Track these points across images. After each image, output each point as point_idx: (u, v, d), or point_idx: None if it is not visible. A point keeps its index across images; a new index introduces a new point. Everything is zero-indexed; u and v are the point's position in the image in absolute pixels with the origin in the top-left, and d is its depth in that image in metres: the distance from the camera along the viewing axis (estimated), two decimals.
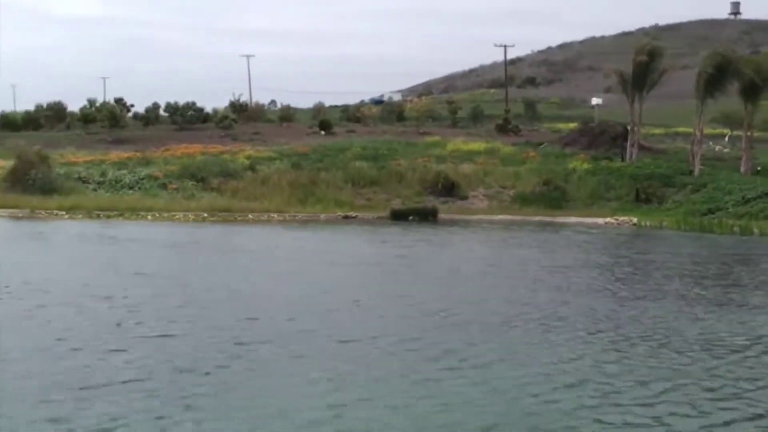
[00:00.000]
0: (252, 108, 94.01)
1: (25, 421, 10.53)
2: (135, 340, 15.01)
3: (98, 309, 18.08)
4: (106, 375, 12.57)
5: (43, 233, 38.11)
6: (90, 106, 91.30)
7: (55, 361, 13.40)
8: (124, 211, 48.48)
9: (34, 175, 53.98)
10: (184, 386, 12.04)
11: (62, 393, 11.57)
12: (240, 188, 55.35)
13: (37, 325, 16.36)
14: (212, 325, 16.30)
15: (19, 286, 21.05)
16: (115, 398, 11.40)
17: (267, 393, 11.85)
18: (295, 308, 18.47)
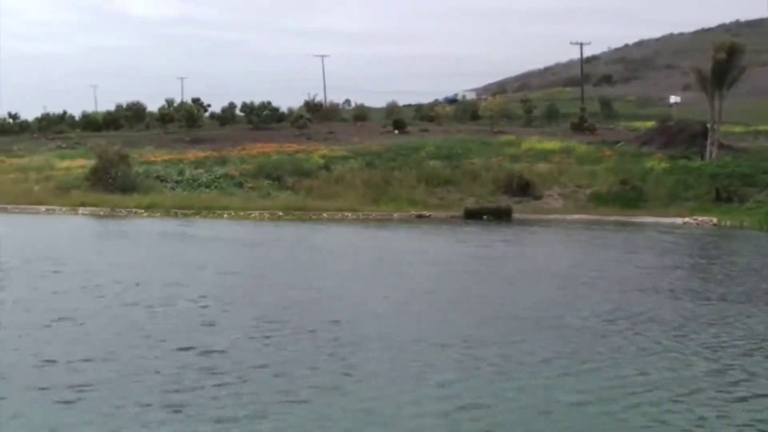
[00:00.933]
0: (326, 107, 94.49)
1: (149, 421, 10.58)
2: (231, 341, 14.87)
3: (190, 308, 18.11)
4: (200, 377, 12.47)
5: (126, 232, 38.71)
6: (168, 106, 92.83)
7: (151, 361, 13.41)
8: (200, 209, 49.16)
9: (115, 174, 55.10)
10: (283, 387, 12.00)
11: (157, 396, 11.55)
12: (314, 187, 55.65)
13: (129, 324, 16.34)
14: (307, 327, 16.16)
15: (111, 285, 21.13)
16: (218, 402, 11.30)
17: (373, 396, 11.70)
18: (386, 310, 18.23)
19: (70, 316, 16.83)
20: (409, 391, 12.05)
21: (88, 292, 20.02)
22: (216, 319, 16.96)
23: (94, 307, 18.03)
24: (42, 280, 21.58)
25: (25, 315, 16.89)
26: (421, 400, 11.62)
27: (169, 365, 13.14)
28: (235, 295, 19.88)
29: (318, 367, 13.22)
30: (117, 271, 24.00)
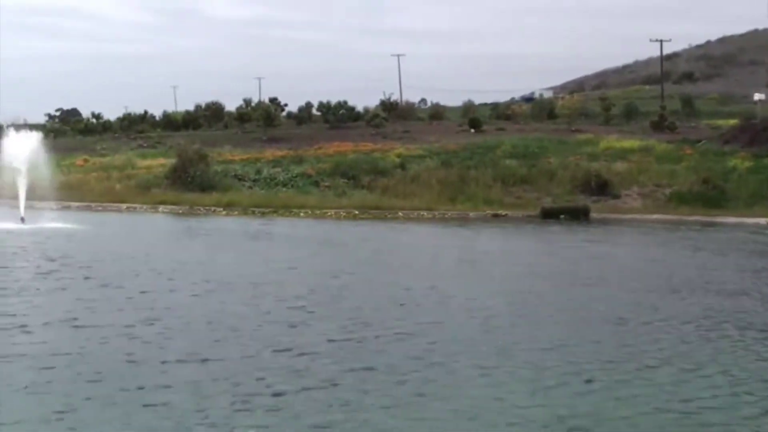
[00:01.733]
0: (402, 106, 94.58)
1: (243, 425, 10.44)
2: (326, 343, 14.63)
3: (283, 308, 17.94)
4: (296, 379, 12.24)
5: (208, 230, 39.02)
6: (246, 105, 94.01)
7: (244, 361, 13.26)
8: (277, 208, 49.68)
9: (194, 172, 56.00)
10: (378, 388, 11.85)
11: (252, 398, 11.39)
12: (390, 186, 55.76)
13: (222, 324, 16.13)
14: (405, 328, 15.86)
15: (202, 284, 21.14)
16: (312, 404, 11.17)
17: (480, 405, 11.37)
18: (488, 311, 17.84)
19: (161, 315, 16.79)
20: (534, 395, 11.76)
21: (179, 291, 20.00)
22: (311, 319, 16.77)
23: (185, 306, 17.97)
24: (131, 279, 21.64)
25: (118, 314, 16.90)
26: (551, 405, 11.36)
27: (263, 366, 12.96)
28: (329, 295, 19.69)
29: (420, 372, 12.85)
30: (206, 270, 23.95)
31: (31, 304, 17.79)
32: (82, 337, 14.68)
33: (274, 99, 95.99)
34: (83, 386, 11.64)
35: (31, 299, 18.35)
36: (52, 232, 33.99)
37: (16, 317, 16.11)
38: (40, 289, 19.69)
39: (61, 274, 21.93)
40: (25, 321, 15.77)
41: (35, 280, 20.99)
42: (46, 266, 23.48)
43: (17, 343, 14.04)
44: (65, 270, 22.80)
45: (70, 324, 15.71)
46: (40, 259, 25.34)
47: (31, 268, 23.33)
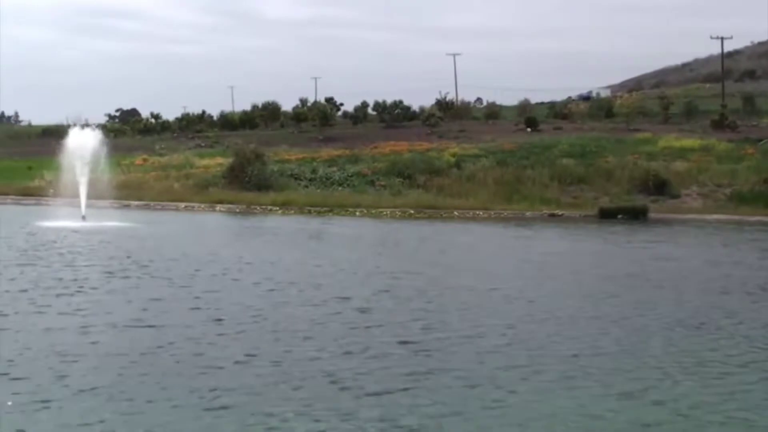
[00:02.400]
0: (458, 106, 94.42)
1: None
2: (396, 346, 14.26)
3: (347, 310, 17.48)
4: (363, 385, 11.90)
5: (268, 229, 39.18)
6: (302, 105, 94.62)
7: (315, 364, 12.94)
8: (333, 207, 49.93)
9: (250, 172, 56.54)
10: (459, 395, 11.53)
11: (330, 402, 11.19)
12: (445, 185, 55.70)
13: (291, 325, 15.71)
14: (474, 333, 15.42)
15: (267, 284, 20.83)
16: (382, 409, 10.92)
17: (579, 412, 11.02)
18: (557, 314, 17.40)
19: (228, 315, 16.55)
20: (614, 400, 11.44)
21: (245, 290, 19.78)
22: (379, 320, 16.45)
23: (251, 306, 17.65)
24: (195, 278, 21.52)
25: (186, 314, 16.76)
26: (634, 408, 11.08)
27: (332, 369, 12.62)
28: (396, 296, 19.31)
29: (493, 376, 12.50)
30: (269, 269, 23.77)
31: (96, 303, 17.62)
32: (149, 337, 14.57)
33: (330, 99, 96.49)
34: (150, 387, 11.53)
35: (96, 298, 18.22)
36: (112, 231, 34.47)
37: (80, 317, 15.99)
38: (103, 288, 19.58)
39: (125, 273, 21.89)
40: (91, 321, 15.60)
41: (99, 279, 20.93)
42: (109, 265, 23.54)
43: (81, 343, 13.91)
44: (130, 269, 22.80)
45: (136, 324, 15.58)
46: (103, 257, 25.51)
47: (96, 266, 23.33)
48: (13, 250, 26.84)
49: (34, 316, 15.98)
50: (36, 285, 19.55)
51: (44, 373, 12.07)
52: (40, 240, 30.19)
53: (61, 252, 26.49)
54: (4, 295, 18.12)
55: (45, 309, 16.73)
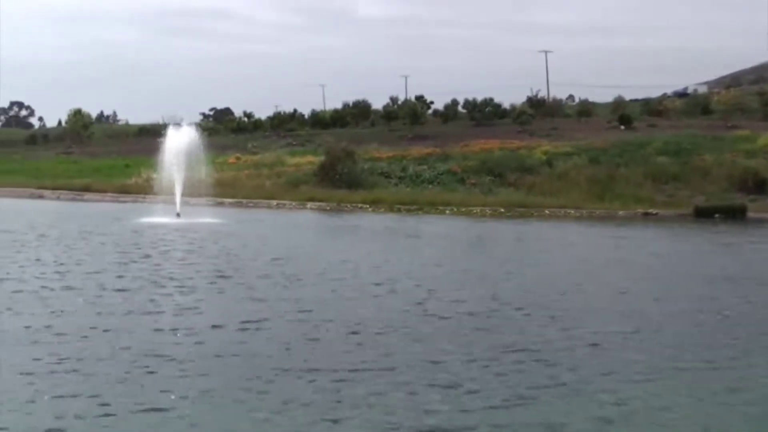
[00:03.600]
0: (549, 103, 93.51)
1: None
2: (512, 353, 13.44)
3: (456, 313, 16.73)
4: (481, 394, 11.26)
5: (361, 227, 39.35)
6: (392, 103, 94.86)
7: (437, 368, 12.43)
8: (423, 205, 49.98)
9: (341, 170, 57.00)
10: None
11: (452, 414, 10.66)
12: (536, 183, 55.24)
13: (406, 331, 15.01)
14: (597, 340, 14.50)
15: (371, 285, 20.18)
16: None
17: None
18: (687, 319, 16.57)
19: (335, 317, 16.01)
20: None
21: (349, 291, 19.32)
22: (496, 326, 15.70)
23: (359, 307, 17.23)
24: (295, 277, 21.00)
25: (292, 315, 16.24)
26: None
27: (453, 378, 11.92)
28: (510, 300, 18.35)
29: (620, 385, 11.85)
30: (371, 269, 23.27)
31: (197, 302, 17.33)
32: (257, 339, 14.18)
33: (420, 97, 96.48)
34: (252, 396, 11.10)
35: (199, 296, 17.98)
36: (208, 228, 35.01)
37: (182, 317, 15.80)
38: (206, 288, 19.26)
39: (225, 272, 21.62)
40: (194, 322, 15.28)
41: (199, 278, 20.70)
42: (209, 263, 23.45)
43: (179, 342, 13.74)
44: (230, 267, 22.68)
45: (241, 326, 15.11)
46: (202, 255, 25.61)
47: (196, 265, 23.20)
48: (112, 247, 27.50)
49: (143, 317, 15.76)
50: (138, 284, 19.50)
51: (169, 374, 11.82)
52: (138, 237, 30.88)
53: (160, 250, 26.80)
54: (105, 294, 18.15)
55: (149, 309, 16.54)
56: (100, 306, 16.63)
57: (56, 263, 22.92)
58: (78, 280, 19.75)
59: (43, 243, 28.41)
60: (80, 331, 14.25)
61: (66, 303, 16.84)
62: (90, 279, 20.00)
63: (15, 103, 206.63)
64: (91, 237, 30.71)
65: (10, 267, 21.91)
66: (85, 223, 36.24)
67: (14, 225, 34.65)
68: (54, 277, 20.35)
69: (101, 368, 11.96)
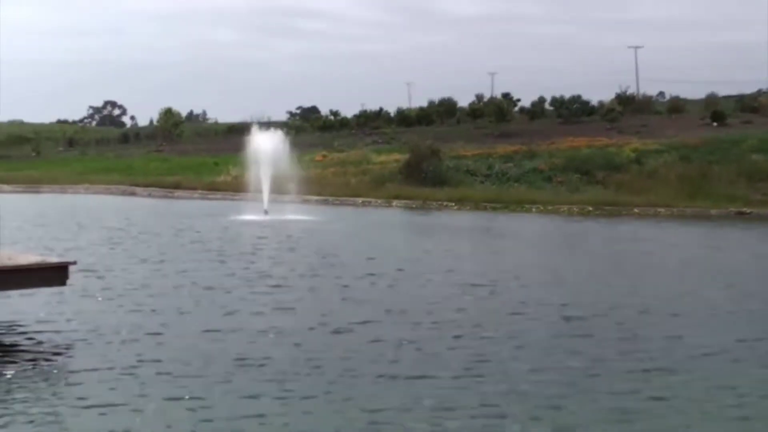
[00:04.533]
0: (639, 100, 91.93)
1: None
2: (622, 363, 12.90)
3: (557, 317, 16.30)
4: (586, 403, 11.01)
5: (449, 225, 38.92)
6: (478, 101, 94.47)
7: (542, 374, 12.12)
8: (509, 203, 49.60)
9: (426, 167, 56.97)
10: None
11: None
12: (625, 181, 54.30)
13: (510, 334, 14.71)
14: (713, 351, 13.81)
15: (468, 285, 19.83)
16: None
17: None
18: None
19: (438, 319, 15.80)
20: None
21: (446, 290, 19.05)
22: (602, 331, 15.10)
23: (458, 309, 16.86)
24: (385, 276, 20.81)
25: (383, 316, 16.10)
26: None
27: (554, 387, 11.59)
28: (625, 306, 17.63)
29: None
30: (467, 269, 22.93)
31: (299, 301, 17.27)
32: (359, 341, 14.01)
33: (507, 94, 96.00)
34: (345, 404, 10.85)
35: (297, 296, 17.87)
36: (294, 225, 35.33)
37: (280, 316, 15.68)
38: (301, 286, 19.10)
39: (319, 271, 21.52)
40: (284, 324, 15.11)
41: (297, 277, 20.53)
42: (301, 261, 23.37)
43: (277, 343, 13.62)
44: (322, 266, 22.58)
45: (345, 327, 14.98)
46: (293, 253, 25.68)
47: (291, 263, 23.12)
48: (206, 244, 27.96)
49: (240, 317, 15.68)
50: (233, 282, 19.45)
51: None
52: (229, 235, 31.29)
53: (252, 248, 26.90)
54: (202, 293, 18.13)
55: (247, 308, 16.45)
56: (200, 306, 16.74)
57: (157, 261, 23.34)
58: (177, 278, 20.05)
59: (142, 240, 29.02)
60: (182, 331, 14.35)
61: (162, 302, 16.96)
62: (186, 277, 20.23)
63: (108, 102, 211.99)
64: (185, 234, 31.28)
65: (111, 263, 22.41)
66: (178, 221, 36.97)
67: (113, 222, 35.57)
68: (153, 274, 20.74)
69: (200, 370, 11.94)
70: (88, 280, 18.90)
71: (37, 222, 36.07)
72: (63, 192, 62.30)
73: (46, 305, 15.92)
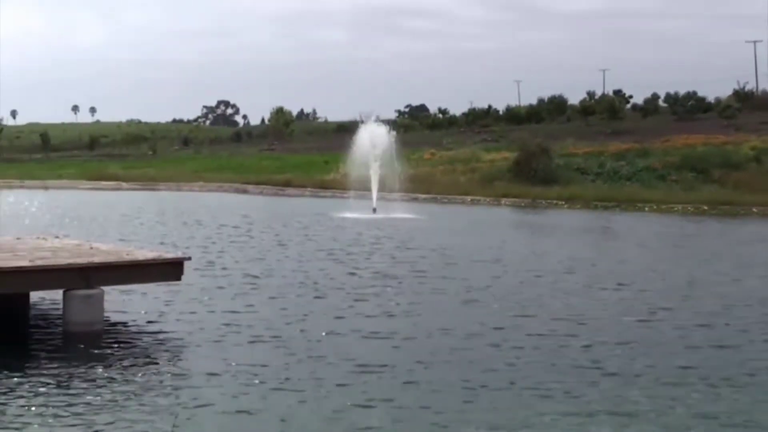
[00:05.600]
0: (758, 96, 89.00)
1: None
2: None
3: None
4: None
5: (562, 224, 37.88)
6: (589, 98, 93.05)
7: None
8: (621, 202, 48.55)
9: (536, 166, 56.27)
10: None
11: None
12: (743, 180, 52.52)
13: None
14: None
15: (613, 289, 18.71)
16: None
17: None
18: None
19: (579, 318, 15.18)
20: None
21: (592, 297, 18.01)
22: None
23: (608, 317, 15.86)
24: (523, 282, 19.75)
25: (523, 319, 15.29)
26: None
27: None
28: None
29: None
30: (603, 270, 21.96)
31: (415, 306, 16.56)
32: (480, 347, 13.21)
33: (619, 91, 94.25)
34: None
35: (415, 299, 17.17)
36: (405, 223, 35.08)
37: (404, 319, 15.08)
38: (420, 288, 18.48)
39: (439, 271, 20.77)
40: (406, 327, 14.45)
41: (416, 277, 19.90)
42: (423, 262, 22.69)
43: (397, 346, 13.10)
44: (439, 265, 21.95)
45: (472, 331, 14.13)
46: (405, 252, 25.21)
47: (407, 263, 22.40)
48: (317, 242, 27.92)
49: (370, 319, 15.17)
50: (355, 282, 19.10)
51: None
52: (342, 233, 31.07)
53: (367, 247, 26.52)
54: (332, 293, 17.73)
55: (366, 309, 15.94)
56: (319, 305, 16.38)
57: (272, 259, 23.26)
58: (293, 276, 19.79)
59: (256, 237, 29.29)
60: (304, 331, 13.99)
61: (280, 301, 16.68)
62: (305, 276, 19.84)
63: (222, 102, 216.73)
64: (298, 232, 31.29)
65: (225, 260, 22.68)
66: (289, 218, 37.32)
67: (226, 219, 36.22)
68: (268, 272, 20.61)
69: (322, 373, 11.46)
70: (202, 277, 19.08)
71: (154, 219, 37.04)
72: (178, 189, 63.90)
73: (158, 300, 16.13)
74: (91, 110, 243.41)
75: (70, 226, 31.80)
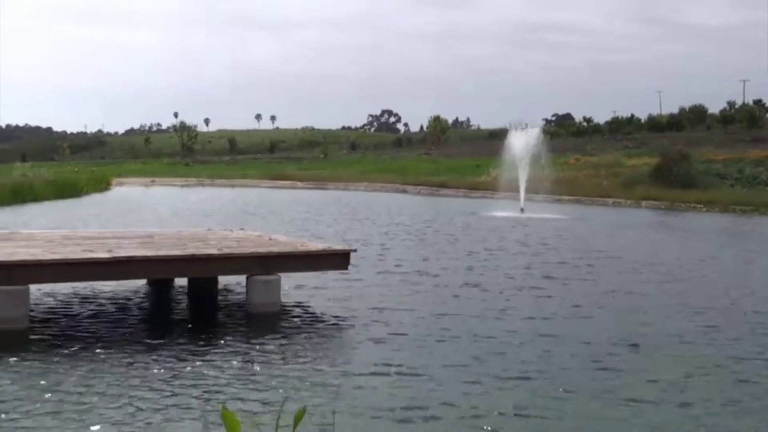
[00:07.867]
0: None
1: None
2: None
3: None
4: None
5: (705, 227, 35.13)
6: (729, 108, 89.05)
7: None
8: (759, 206, 46.22)
9: (676, 171, 54.33)
10: None
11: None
12: None
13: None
14: None
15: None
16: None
17: None
18: None
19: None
20: None
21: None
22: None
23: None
24: (642, 278, 18.32)
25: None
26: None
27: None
28: None
29: None
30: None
31: (579, 305, 14.90)
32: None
33: (759, 101, 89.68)
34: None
35: (574, 299, 15.43)
36: (552, 224, 33.93)
37: (579, 322, 13.42)
38: (588, 290, 16.77)
39: (599, 274, 19.03)
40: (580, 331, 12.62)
41: (580, 281, 18.05)
42: (580, 262, 20.93)
43: (575, 354, 11.50)
44: (600, 266, 20.23)
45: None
46: (561, 252, 23.12)
47: (567, 264, 20.68)
48: (471, 239, 26.90)
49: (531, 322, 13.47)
50: (511, 282, 17.42)
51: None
52: (494, 231, 30.05)
53: (523, 246, 24.87)
54: (490, 295, 16.61)
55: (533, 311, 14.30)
56: (479, 305, 14.76)
57: (430, 254, 22.18)
58: (449, 276, 18.30)
59: (414, 233, 28.82)
60: (471, 333, 12.51)
61: (440, 298, 15.60)
62: (466, 276, 18.38)
63: (385, 111, 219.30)
64: (455, 230, 30.53)
65: (390, 253, 22.23)
66: (444, 216, 37.23)
67: (388, 216, 36.59)
68: (427, 267, 19.55)
69: (477, 376, 10.12)
70: (367, 268, 18.90)
71: (325, 214, 37.79)
72: (346, 189, 65.16)
73: (330, 288, 16.26)
74: (272, 118, 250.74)
75: (253, 219, 32.75)
